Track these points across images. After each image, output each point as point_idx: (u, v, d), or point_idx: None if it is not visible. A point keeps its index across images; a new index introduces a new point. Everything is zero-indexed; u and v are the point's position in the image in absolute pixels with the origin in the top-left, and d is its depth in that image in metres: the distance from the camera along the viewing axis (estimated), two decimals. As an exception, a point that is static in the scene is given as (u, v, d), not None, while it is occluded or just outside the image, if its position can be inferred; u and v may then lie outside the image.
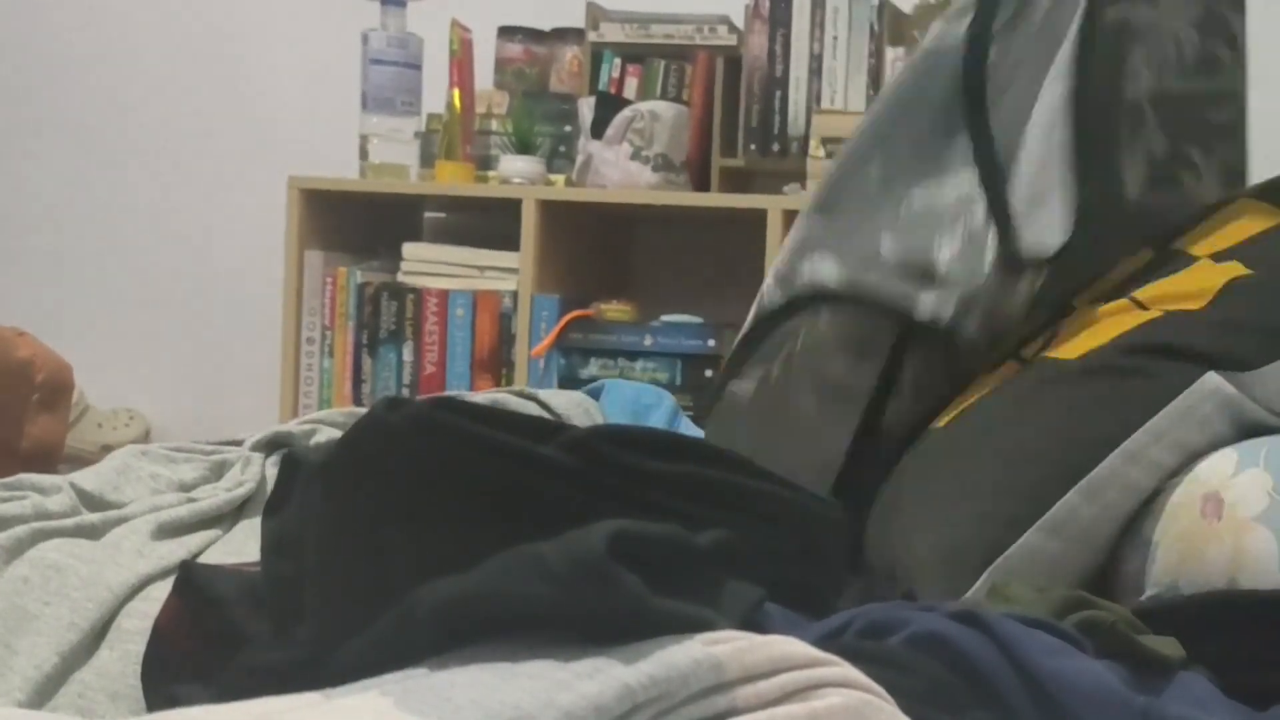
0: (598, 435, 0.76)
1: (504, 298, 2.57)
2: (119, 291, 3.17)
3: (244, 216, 3.09)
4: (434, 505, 0.72)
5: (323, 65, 3.02)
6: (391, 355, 2.61)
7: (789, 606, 0.80)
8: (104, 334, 3.16)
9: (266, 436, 1.16)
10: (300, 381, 2.65)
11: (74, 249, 3.20)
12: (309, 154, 2.95)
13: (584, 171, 2.58)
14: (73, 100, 3.20)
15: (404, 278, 2.63)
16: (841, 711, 0.63)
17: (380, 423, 0.74)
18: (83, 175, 3.20)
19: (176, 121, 3.14)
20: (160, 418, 3.12)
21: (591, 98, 2.61)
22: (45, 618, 0.93)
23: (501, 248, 2.58)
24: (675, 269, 2.85)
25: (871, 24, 2.56)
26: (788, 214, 2.44)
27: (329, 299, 2.64)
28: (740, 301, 2.64)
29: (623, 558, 0.64)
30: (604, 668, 0.60)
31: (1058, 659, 0.74)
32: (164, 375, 3.14)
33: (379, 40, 2.64)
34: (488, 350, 2.57)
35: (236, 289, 3.09)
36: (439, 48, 2.68)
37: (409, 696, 0.60)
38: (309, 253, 2.64)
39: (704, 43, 2.67)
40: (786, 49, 2.59)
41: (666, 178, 2.56)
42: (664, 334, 2.51)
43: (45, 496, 1.05)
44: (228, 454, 1.14)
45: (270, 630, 0.79)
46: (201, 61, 3.13)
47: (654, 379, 2.50)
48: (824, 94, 2.58)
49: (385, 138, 2.65)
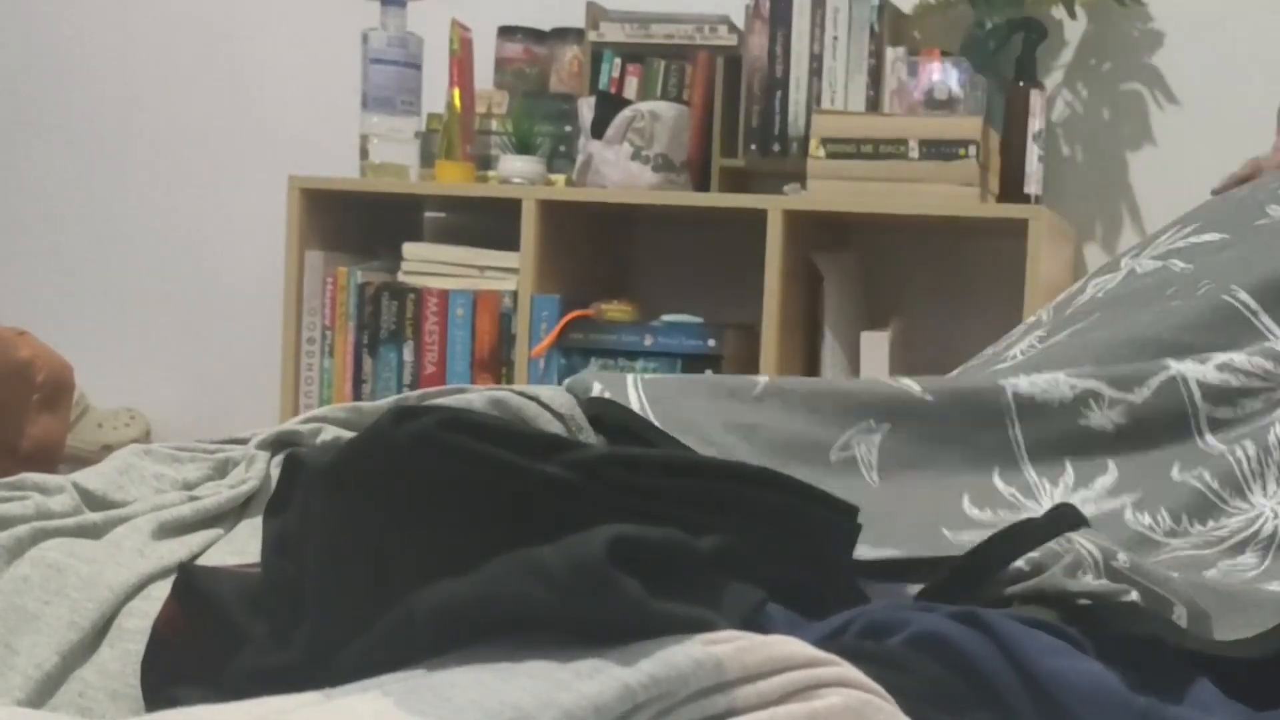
0: (606, 460, 0.75)
1: (504, 298, 2.57)
2: (119, 291, 3.17)
3: (244, 216, 3.09)
4: (436, 520, 0.72)
5: (323, 65, 3.03)
6: (392, 355, 2.62)
7: (791, 608, 0.80)
8: (105, 334, 3.16)
9: (271, 435, 1.15)
10: (301, 381, 2.65)
11: (75, 249, 3.20)
12: (309, 153, 2.96)
13: (584, 171, 2.58)
14: (73, 100, 3.21)
15: (404, 277, 2.64)
16: (842, 711, 0.63)
17: (386, 437, 0.73)
18: (83, 175, 3.20)
19: (177, 121, 3.15)
20: (161, 417, 3.12)
21: (591, 98, 2.60)
22: (45, 617, 0.93)
23: (502, 248, 2.58)
24: (675, 269, 2.86)
25: (872, 24, 2.56)
26: (787, 214, 2.45)
27: (329, 299, 2.64)
28: (740, 301, 2.65)
29: (622, 562, 0.63)
30: (604, 668, 0.60)
31: (1058, 659, 0.74)
32: (164, 375, 3.14)
33: (379, 40, 2.65)
34: (488, 350, 2.58)
35: (237, 289, 3.09)
36: (439, 47, 2.68)
37: (409, 696, 0.60)
38: (309, 252, 2.64)
39: (704, 43, 2.67)
40: (787, 49, 2.59)
41: (667, 178, 2.56)
42: (664, 334, 2.51)
43: (48, 496, 1.05)
44: (231, 452, 1.14)
45: (268, 633, 0.79)
46: (202, 61, 3.13)
47: (654, 379, 2.50)
48: (824, 94, 2.58)
49: (385, 137, 2.65)
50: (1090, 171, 2.74)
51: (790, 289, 2.48)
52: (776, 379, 1.12)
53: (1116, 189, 2.73)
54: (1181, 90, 2.69)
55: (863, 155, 2.44)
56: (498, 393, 1.10)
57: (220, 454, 1.14)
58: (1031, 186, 2.53)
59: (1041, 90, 2.57)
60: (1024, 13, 2.61)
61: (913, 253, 2.77)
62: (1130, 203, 2.73)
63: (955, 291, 2.74)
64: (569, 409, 1.10)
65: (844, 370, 2.54)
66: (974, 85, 2.51)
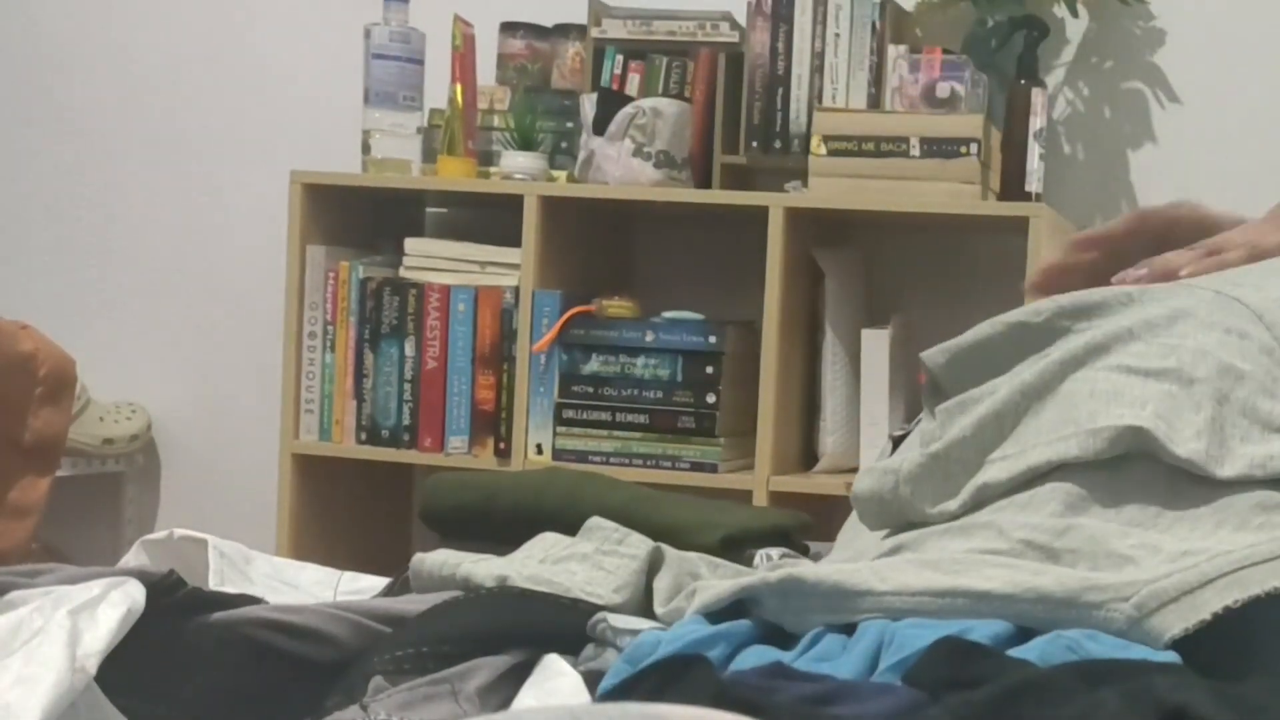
0: None
1: (506, 293, 2.57)
2: (121, 285, 3.18)
3: (246, 211, 3.09)
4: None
5: (325, 60, 3.03)
6: (393, 350, 2.62)
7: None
8: (106, 328, 3.16)
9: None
10: (302, 375, 2.65)
11: (77, 243, 3.20)
12: (311, 149, 2.96)
13: (586, 168, 2.59)
14: (75, 94, 3.21)
15: (406, 273, 2.64)
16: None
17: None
18: (85, 169, 3.20)
19: (179, 116, 3.15)
20: (162, 411, 3.13)
21: (593, 94, 2.61)
22: None
23: (503, 243, 2.59)
24: (676, 265, 2.86)
25: (874, 21, 2.56)
26: (789, 211, 2.45)
27: (331, 294, 2.65)
28: (741, 298, 2.66)
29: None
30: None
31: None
32: (166, 369, 3.15)
33: (381, 35, 2.65)
34: (489, 345, 2.58)
35: (239, 283, 3.09)
36: (441, 43, 2.68)
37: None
38: (311, 247, 2.64)
39: (706, 39, 2.67)
40: (789, 46, 2.60)
41: (668, 174, 2.56)
42: (665, 330, 2.51)
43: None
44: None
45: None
46: (205, 56, 3.14)
47: (655, 375, 2.50)
48: (826, 91, 2.58)
49: (387, 133, 2.65)
50: (1091, 170, 2.74)
51: (791, 286, 2.48)
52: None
53: (1118, 187, 2.73)
54: (1183, 89, 2.70)
55: (864, 153, 2.45)
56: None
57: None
58: (1033, 184, 2.53)
59: (1043, 88, 2.57)
60: (1025, 11, 2.62)
61: (914, 250, 2.77)
62: (1131, 201, 2.73)
63: (956, 289, 2.74)
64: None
65: (845, 367, 2.55)
66: (975, 83, 2.51)
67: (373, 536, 2.80)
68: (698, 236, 2.84)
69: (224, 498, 3.09)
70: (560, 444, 2.53)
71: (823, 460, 2.54)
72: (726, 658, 0.78)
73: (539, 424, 2.55)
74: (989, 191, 2.50)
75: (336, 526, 2.73)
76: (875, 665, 0.74)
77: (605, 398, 2.52)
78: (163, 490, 3.16)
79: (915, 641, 0.73)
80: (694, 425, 2.49)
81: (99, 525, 3.10)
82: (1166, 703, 0.63)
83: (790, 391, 2.53)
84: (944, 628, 0.74)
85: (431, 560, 1.03)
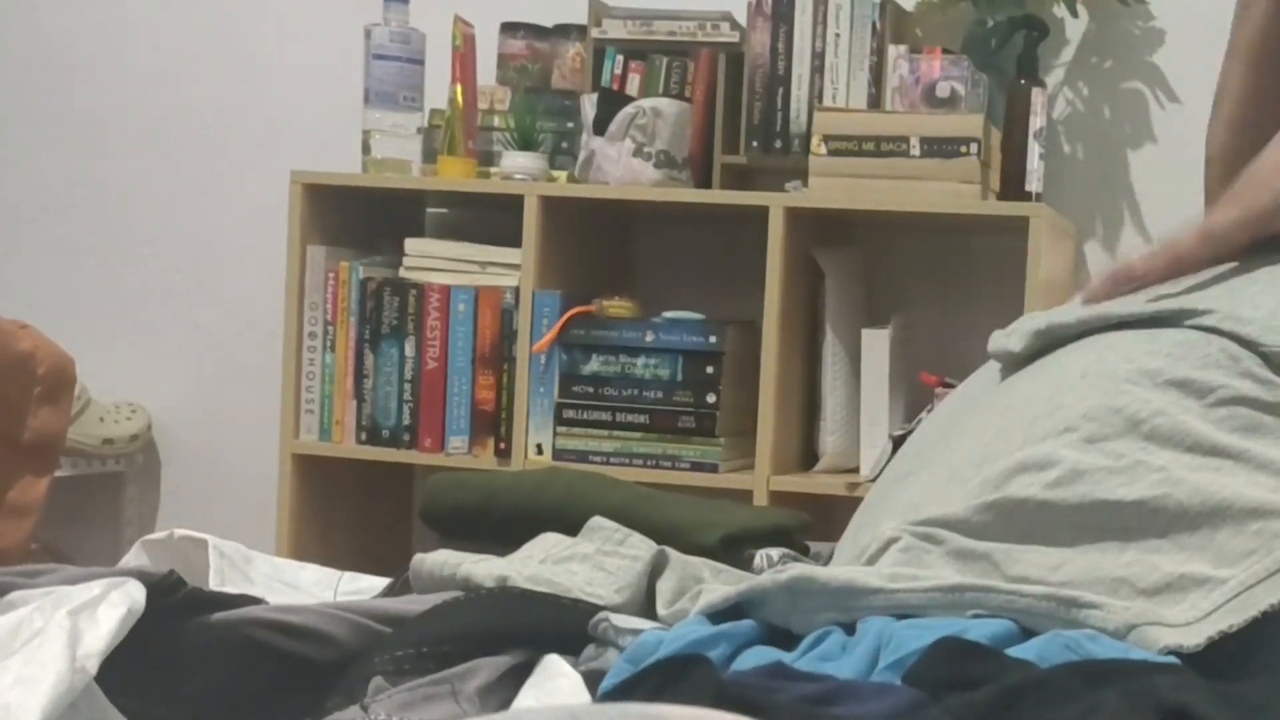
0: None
1: (506, 293, 2.57)
2: (121, 285, 3.18)
3: (246, 211, 3.09)
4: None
5: (325, 60, 3.03)
6: (393, 350, 2.62)
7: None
8: (106, 327, 3.16)
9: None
10: (302, 376, 2.65)
11: (76, 242, 3.20)
12: (311, 149, 2.96)
13: (586, 168, 2.59)
14: (75, 93, 3.21)
15: (406, 273, 2.64)
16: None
17: None
18: (85, 169, 3.20)
19: (179, 116, 3.15)
20: (163, 412, 3.13)
21: (594, 94, 2.61)
22: None
23: (503, 244, 2.59)
24: (677, 265, 2.86)
25: (874, 22, 2.57)
26: (789, 211, 2.45)
27: (331, 294, 2.65)
28: (741, 298, 2.66)
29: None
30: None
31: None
32: (166, 369, 3.15)
33: (381, 35, 2.65)
34: (489, 346, 2.58)
35: (239, 283, 3.10)
36: (442, 43, 2.68)
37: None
38: (311, 248, 2.64)
39: (706, 40, 2.67)
40: (789, 46, 2.60)
41: (668, 174, 2.56)
42: (665, 330, 2.51)
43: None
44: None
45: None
46: (205, 56, 3.14)
47: (655, 375, 2.50)
48: (826, 91, 2.58)
49: (388, 133, 2.65)
50: (1091, 169, 2.74)
51: (791, 286, 2.48)
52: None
53: (1117, 187, 2.73)
54: (1182, 89, 2.70)
55: (864, 152, 2.45)
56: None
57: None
58: (1032, 184, 2.53)
59: (1043, 88, 2.57)
60: (1025, 11, 2.62)
61: (914, 250, 2.77)
62: (1131, 201, 2.73)
63: (956, 289, 2.74)
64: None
65: (845, 367, 2.55)
66: (975, 83, 2.51)
67: (373, 536, 2.80)
68: (698, 236, 2.84)
69: (224, 498, 3.09)
70: (560, 444, 2.53)
71: (823, 460, 2.54)
72: (728, 658, 0.78)
73: (539, 424, 2.55)
74: (989, 191, 2.50)
75: (336, 527, 2.73)
76: (875, 665, 0.74)
77: (605, 398, 2.52)
78: (163, 490, 3.16)
79: (913, 641, 0.73)
80: (694, 425, 2.49)
81: (99, 525, 3.10)
82: (1167, 703, 0.63)
83: (790, 391, 2.53)
84: (942, 628, 0.74)
85: (431, 560, 1.03)
